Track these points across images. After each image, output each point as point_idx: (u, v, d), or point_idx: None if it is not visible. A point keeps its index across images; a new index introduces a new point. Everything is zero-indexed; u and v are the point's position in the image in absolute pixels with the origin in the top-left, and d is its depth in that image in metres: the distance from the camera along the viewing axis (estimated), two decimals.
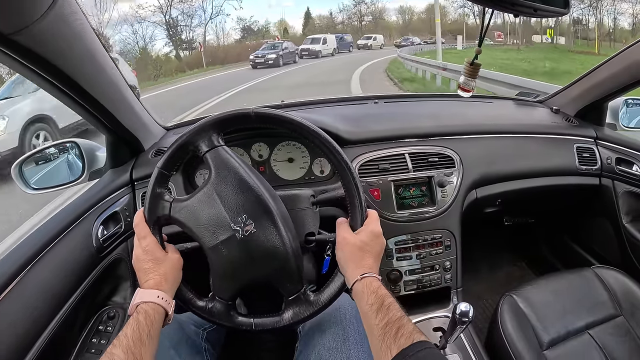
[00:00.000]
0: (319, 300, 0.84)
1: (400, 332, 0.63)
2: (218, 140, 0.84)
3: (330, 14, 42.86)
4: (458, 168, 1.30)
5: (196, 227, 0.81)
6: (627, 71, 1.32)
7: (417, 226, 1.25)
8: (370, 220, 0.84)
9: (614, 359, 1.05)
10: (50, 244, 0.91)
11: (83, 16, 0.82)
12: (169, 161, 0.83)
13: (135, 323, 0.68)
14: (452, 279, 1.28)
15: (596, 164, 1.50)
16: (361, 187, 0.84)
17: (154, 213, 0.82)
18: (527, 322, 1.12)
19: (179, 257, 0.83)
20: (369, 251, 0.79)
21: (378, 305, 0.69)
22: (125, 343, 0.64)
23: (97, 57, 0.92)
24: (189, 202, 0.82)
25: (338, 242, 0.82)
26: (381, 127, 1.35)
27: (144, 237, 0.80)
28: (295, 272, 0.83)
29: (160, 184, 0.83)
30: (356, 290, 0.74)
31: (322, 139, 0.84)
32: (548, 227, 1.98)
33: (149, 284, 0.76)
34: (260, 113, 0.84)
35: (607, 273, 1.24)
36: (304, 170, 1.29)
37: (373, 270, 0.76)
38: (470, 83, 0.93)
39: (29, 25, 0.67)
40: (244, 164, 0.84)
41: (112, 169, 1.21)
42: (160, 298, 0.74)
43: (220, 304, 0.84)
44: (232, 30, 13.56)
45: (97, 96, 0.96)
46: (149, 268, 0.78)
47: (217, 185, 0.81)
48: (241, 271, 0.82)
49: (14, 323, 0.78)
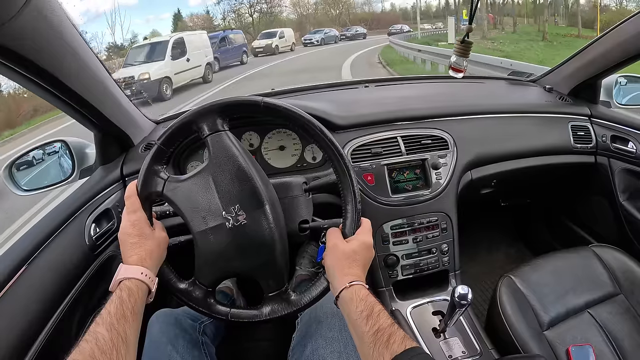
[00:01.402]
0: (300, 301, 0.83)
1: (392, 339, 0.63)
2: (223, 125, 0.82)
3: (207, 11, 37.16)
4: (452, 150, 1.29)
5: (187, 209, 0.80)
6: (620, 48, 1.30)
7: (412, 210, 1.24)
8: (363, 230, 0.83)
9: (615, 337, 1.05)
10: (43, 245, 0.90)
11: (62, 12, 0.80)
12: (170, 138, 0.82)
13: (118, 300, 0.67)
14: (449, 261, 1.28)
15: (591, 142, 1.49)
16: (359, 195, 0.83)
17: (147, 188, 0.81)
18: (526, 302, 1.12)
19: (165, 235, 0.82)
20: (358, 260, 0.78)
21: (368, 312, 0.68)
22: (108, 321, 0.63)
23: (79, 53, 0.91)
24: (184, 183, 0.81)
25: (328, 248, 0.81)
26: (372, 111, 1.34)
27: (134, 211, 0.79)
28: (280, 269, 0.82)
29: (158, 160, 0.82)
30: (344, 297, 0.73)
31: (328, 139, 0.83)
32: (545, 207, 1.98)
33: (133, 259, 0.74)
34: (269, 104, 0.82)
35: (606, 252, 1.24)
36: (296, 157, 1.28)
37: (361, 279, 0.76)
38: (462, 62, 0.92)
39: (5, 23, 0.65)
40: (245, 153, 0.83)
41: (102, 165, 1.20)
42: (143, 275, 0.72)
43: (200, 290, 0.83)
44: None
45: (81, 93, 0.95)
46: (135, 243, 0.76)
47: (215, 171, 0.80)
48: (226, 260, 0.81)
49: (11, 325, 0.77)
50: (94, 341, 0.59)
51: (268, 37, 21.09)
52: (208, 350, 0.98)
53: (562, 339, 1.05)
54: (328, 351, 0.85)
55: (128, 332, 0.63)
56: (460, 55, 0.90)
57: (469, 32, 0.84)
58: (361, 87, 1.66)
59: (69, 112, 1.01)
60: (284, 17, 37.62)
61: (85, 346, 0.58)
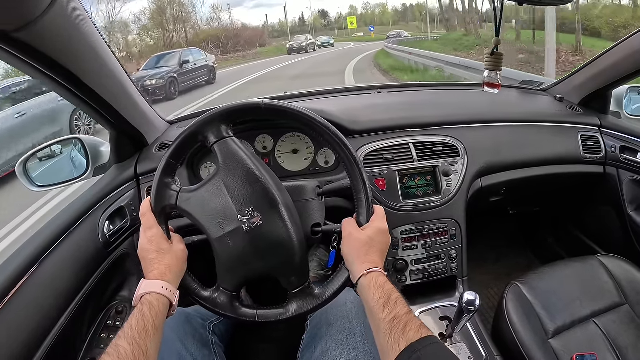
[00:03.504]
0: (324, 294, 0.84)
1: (408, 327, 0.63)
2: (227, 132, 0.84)
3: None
4: (463, 157, 1.30)
5: (202, 217, 0.81)
6: (631, 59, 1.31)
7: (422, 216, 1.25)
8: (377, 217, 0.84)
9: (619, 347, 1.05)
10: (58, 241, 0.92)
11: (84, 11, 0.81)
12: (177, 151, 0.83)
13: (140, 314, 0.68)
14: (457, 268, 1.28)
15: (600, 152, 1.49)
16: (369, 184, 0.84)
17: (161, 202, 0.82)
18: (532, 310, 1.12)
19: (184, 248, 0.83)
20: (374, 247, 0.79)
21: (385, 299, 0.69)
22: (130, 334, 0.64)
23: (99, 52, 0.92)
24: (196, 193, 0.82)
25: (344, 238, 0.82)
26: (385, 117, 1.34)
27: (149, 228, 0.80)
28: (300, 266, 0.83)
29: (168, 173, 0.83)
30: (362, 285, 0.74)
31: (332, 132, 0.84)
32: (553, 215, 1.97)
33: (154, 274, 0.76)
34: (270, 105, 0.84)
35: (612, 261, 1.24)
36: (309, 161, 1.29)
37: (379, 266, 0.76)
38: (496, 76, 0.89)
39: (31, 22, 0.66)
40: (252, 156, 0.84)
41: (116, 164, 1.21)
42: (164, 289, 0.74)
43: (225, 295, 0.84)
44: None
45: (100, 92, 0.96)
46: (153, 258, 0.78)
47: (225, 176, 0.81)
48: (246, 263, 0.82)
49: (25, 320, 0.79)
50: (115, 354, 0.60)
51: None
52: (217, 350, 0.99)
53: (567, 347, 1.05)
54: (338, 353, 0.86)
55: (149, 346, 0.65)
56: (492, 69, 0.87)
57: (497, 45, 0.83)
58: (374, 93, 1.66)
59: (86, 110, 1.02)
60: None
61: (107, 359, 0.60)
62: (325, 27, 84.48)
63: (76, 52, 0.84)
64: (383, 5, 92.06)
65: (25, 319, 0.79)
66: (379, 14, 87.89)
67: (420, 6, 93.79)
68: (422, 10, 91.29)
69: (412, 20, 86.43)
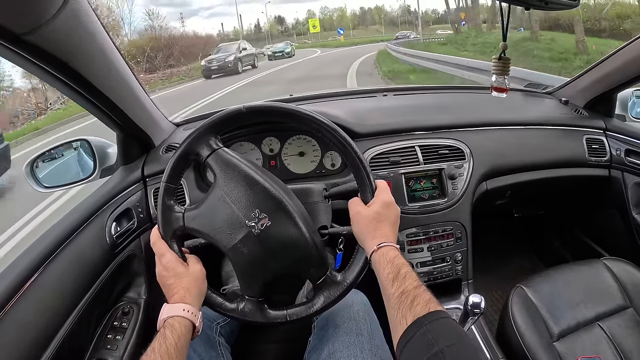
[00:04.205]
0: (346, 279, 0.84)
1: (416, 302, 0.63)
2: (217, 143, 0.85)
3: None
4: (468, 160, 1.30)
5: (212, 231, 0.82)
6: (637, 62, 1.31)
7: (428, 218, 1.25)
8: (380, 191, 0.84)
9: (624, 350, 1.05)
10: (65, 242, 0.92)
11: (93, 13, 0.82)
12: (173, 173, 0.84)
13: (162, 337, 0.69)
14: (462, 270, 1.29)
15: (605, 156, 1.49)
16: (366, 161, 0.85)
17: (169, 227, 0.83)
18: (537, 313, 1.12)
19: (201, 267, 0.84)
20: (383, 220, 0.79)
21: (394, 274, 0.69)
22: (152, 357, 0.66)
23: (108, 54, 0.92)
24: (201, 209, 0.83)
25: (352, 218, 0.82)
26: (391, 120, 1.35)
27: (162, 255, 0.81)
28: (317, 257, 0.83)
29: (169, 196, 0.84)
30: (374, 261, 0.74)
31: (316, 119, 0.84)
32: (558, 218, 1.97)
33: (175, 298, 0.77)
34: (251, 107, 0.84)
35: (617, 265, 1.24)
36: (315, 163, 1.30)
37: (390, 239, 0.76)
38: (504, 81, 0.89)
39: (42, 24, 0.67)
40: (247, 161, 0.85)
41: (123, 165, 1.22)
42: (185, 311, 0.75)
43: (251, 303, 0.85)
44: None
45: (108, 93, 0.96)
46: (172, 284, 0.79)
47: (225, 186, 0.82)
48: (264, 266, 0.82)
49: (32, 321, 0.79)
50: None
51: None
52: (224, 351, 0.99)
53: (572, 350, 1.05)
54: (345, 355, 0.86)
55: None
56: (500, 73, 0.88)
57: (504, 50, 0.83)
58: (380, 96, 1.66)
59: (93, 112, 1.03)
60: None
61: None
62: (282, 33, 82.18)
63: (86, 55, 0.84)
64: (342, 9, 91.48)
65: (33, 319, 0.79)
66: (337, 19, 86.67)
67: (379, 9, 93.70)
68: (381, 13, 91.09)
69: (371, 24, 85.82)
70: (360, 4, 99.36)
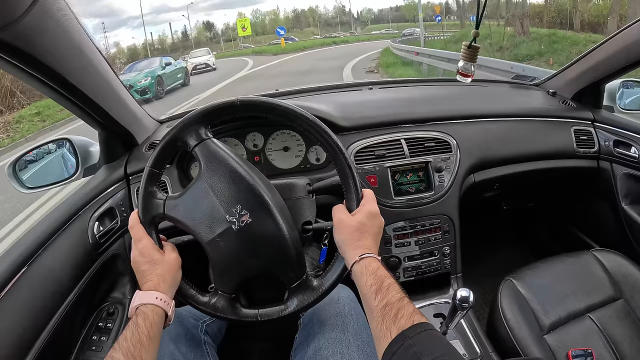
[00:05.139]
0: (322, 285, 0.83)
1: (400, 314, 0.62)
2: (206, 134, 0.83)
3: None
4: (455, 152, 1.29)
5: (192, 222, 0.80)
6: (624, 53, 1.30)
7: (415, 212, 1.24)
8: (367, 200, 0.82)
9: (615, 341, 1.05)
10: (47, 243, 0.91)
11: (68, 9, 0.80)
12: (159, 159, 0.82)
13: (134, 326, 0.68)
14: (451, 264, 1.28)
15: (594, 147, 1.49)
16: (354, 168, 0.83)
17: (149, 213, 0.81)
18: (527, 306, 1.12)
19: (176, 256, 0.82)
20: (367, 231, 0.78)
21: (377, 286, 0.68)
22: (125, 346, 0.64)
23: (86, 51, 0.91)
24: (183, 199, 0.81)
25: (335, 224, 0.81)
26: (376, 113, 1.34)
27: (139, 240, 0.79)
28: (296, 259, 0.82)
29: (152, 182, 0.82)
30: (355, 272, 0.73)
31: (310, 121, 0.83)
32: (547, 211, 1.98)
33: (148, 285, 0.76)
34: (245, 101, 0.83)
35: (607, 256, 1.24)
36: (300, 158, 1.28)
37: (372, 251, 0.75)
38: (470, 67, 0.91)
39: (13, 21, 0.65)
40: (234, 155, 0.83)
41: (106, 164, 1.20)
42: (158, 299, 0.73)
43: (224, 298, 0.84)
44: None
45: (87, 91, 0.95)
46: (146, 270, 0.77)
47: (209, 178, 0.81)
48: (241, 263, 0.81)
49: (15, 322, 0.78)
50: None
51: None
52: (210, 350, 0.98)
53: (563, 343, 1.05)
54: (331, 352, 0.85)
55: (144, 357, 0.65)
56: (468, 60, 0.90)
57: (475, 37, 0.84)
58: (365, 89, 1.65)
59: (74, 111, 1.01)
60: None
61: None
62: (211, 40, 78.28)
63: (62, 52, 0.83)
64: (274, 12, 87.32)
65: (15, 321, 0.78)
66: (270, 22, 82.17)
67: (313, 11, 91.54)
68: (316, 15, 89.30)
69: (306, 26, 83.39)
70: (292, 6, 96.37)
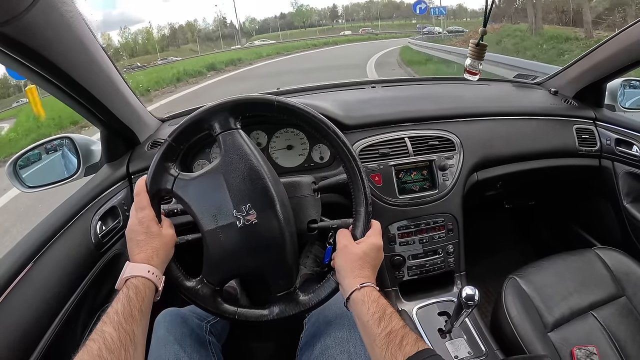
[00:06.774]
0: (309, 302, 0.83)
1: (404, 341, 0.63)
2: (235, 124, 0.82)
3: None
4: (458, 151, 1.29)
5: (197, 207, 0.80)
6: (626, 52, 1.31)
7: (418, 210, 1.24)
8: (374, 232, 0.83)
9: (618, 338, 1.05)
10: (49, 243, 0.89)
11: (74, 5, 0.80)
12: (181, 135, 0.81)
13: (126, 299, 0.66)
14: (455, 262, 1.28)
15: (596, 145, 1.49)
16: (370, 198, 0.83)
17: (157, 184, 0.80)
18: (531, 304, 1.12)
19: (173, 233, 0.81)
20: (368, 262, 0.78)
21: (380, 314, 0.68)
22: (116, 319, 0.62)
23: (89, 47, 0.90)
24: (194, 181, 0.80)
25: (338, 250, 0.81)
26: (380, 112, 1.33)
27: (142, 208, 0.78)
28: (290, 270, 0.82)
29: (168, 156, 0.81)
30: (355, 299, 0.73)
31: (346, 147, 0.83)
32: (549, 209, 1.98)
33: (140, 257, 0.74)
34: (282, 103, 0.82)
35: (609, 254, 1.25)
36: (303, 157, 1.28)
37: (371, 281, 0.76)
38: (477, 65, 0.92)
39: (17, 15, 0.64)
40: (257, 152, 0.82)
41: (108, 163, 1.19)
42: (150, 273, 0.72)
43: (208, 288, 0.83)
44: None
45: (89, 88, 0.94)
46: (141, 240, 0.76)
47: (226, 169, 0.80)
48: (235, 260, 0.81)
49: (17, 324, 0.77)
50: (101, 340, 0.58)
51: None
52: (215, 350, 0.98)
53: (567, 340, 1.06)
54: (337, 351, 0.85)
55: (136, 331, 0.63)
56: (475, 58, 0.90)
57: (483, 35, 0.84)
58: (368, 88, 1.65)
59: (75, 108, 1.00)
60: None
61: (93, 346, 0.58)
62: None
63: (65, 48, 0.82)
64: (147, 29, 75.93)
65: (17, 322, 0.77)
66: (142, 42, 71.76)
67: (191, 25, 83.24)
68: (194, 30, 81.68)
69: (183, 43, 76.91)
70: (166, 22, 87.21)
